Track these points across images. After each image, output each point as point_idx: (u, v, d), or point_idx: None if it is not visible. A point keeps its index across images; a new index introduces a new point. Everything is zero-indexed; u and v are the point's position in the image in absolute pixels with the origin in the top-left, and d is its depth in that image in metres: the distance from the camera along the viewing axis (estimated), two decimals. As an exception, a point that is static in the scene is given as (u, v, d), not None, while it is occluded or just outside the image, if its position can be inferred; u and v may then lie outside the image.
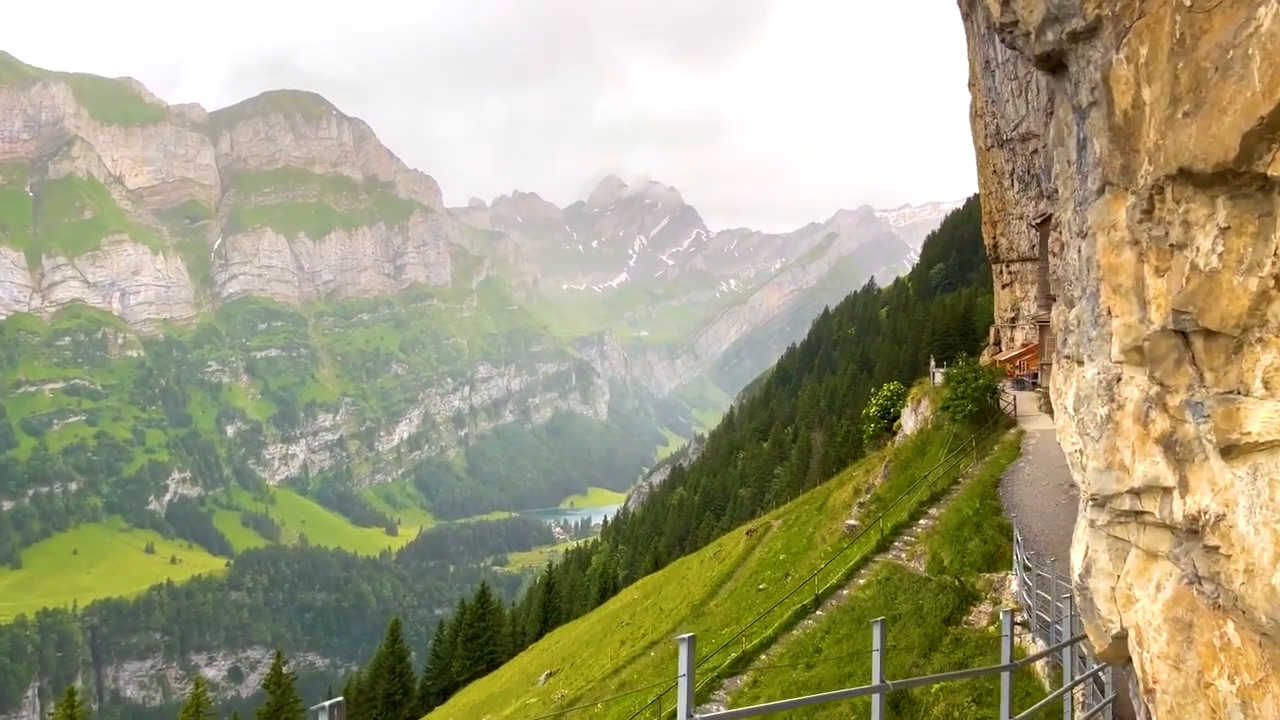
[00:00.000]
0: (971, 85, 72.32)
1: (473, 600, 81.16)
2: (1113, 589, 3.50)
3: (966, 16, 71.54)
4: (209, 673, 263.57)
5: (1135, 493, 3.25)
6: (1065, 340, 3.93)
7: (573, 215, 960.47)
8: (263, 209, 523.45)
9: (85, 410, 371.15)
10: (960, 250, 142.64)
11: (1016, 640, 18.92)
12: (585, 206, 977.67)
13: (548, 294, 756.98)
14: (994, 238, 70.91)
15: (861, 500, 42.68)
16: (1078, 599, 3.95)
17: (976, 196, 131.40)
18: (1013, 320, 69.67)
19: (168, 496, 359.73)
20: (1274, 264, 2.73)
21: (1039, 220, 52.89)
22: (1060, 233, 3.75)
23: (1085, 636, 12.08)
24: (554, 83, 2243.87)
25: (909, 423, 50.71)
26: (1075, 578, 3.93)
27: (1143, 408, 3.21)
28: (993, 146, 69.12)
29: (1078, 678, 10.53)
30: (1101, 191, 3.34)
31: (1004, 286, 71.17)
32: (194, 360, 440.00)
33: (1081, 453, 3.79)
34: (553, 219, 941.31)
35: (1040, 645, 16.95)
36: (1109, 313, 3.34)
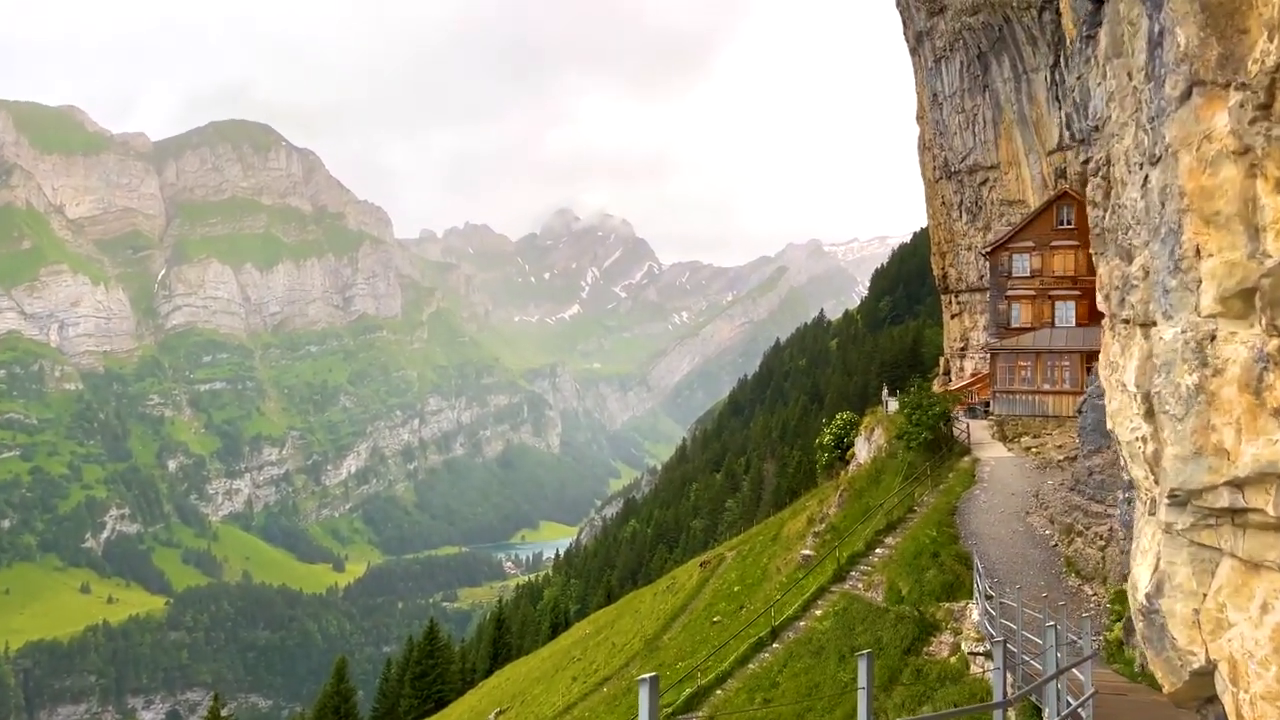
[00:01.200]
0: (920, 118, 73.31)
1: (421, 637, 79.97)
2: (1195, 612, 2.83)
3: (914, 51, 72.73)
4: (146, 716, 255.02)
5: (1237, 484, 2.58)
6: (1122, 301, 3.32)
7: (525, 247, 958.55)
8: (209, 239, 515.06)
9: (20, 445, 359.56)
10: (908, 283, 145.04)
11: (979, 672, 18.44)
12: (538, 238, 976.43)
13: (499, 326, 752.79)
14: (943, 268, 71.60)
15: (816, 530, 42.25)
16: (1139, 625, 3.33)
17: (923, 230, 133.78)
18: (962, 350, 70.19)
19: (105, 534, 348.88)
20: None
21: (988, 249, 53.36)
22: (1109, 172, 3.24)
23: (1070, 669, 11.64)
24: (505, 116, 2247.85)
25: (863, 451, 50.54)
26: (1139, 599, 3.31)
27: (1254, 371, 2.50)
28: (941, 178, 69.95)
29: (1062, 715, 10.01)
30: (1187, 96, 2.74)
31: (953, 316, 71.76)
32: (135, 393, 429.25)
33: (1148, 439, 3.17)
34: (505, 251, 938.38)
35: (1006, 678, 16.50)
36: (1196, 253, 2.70)
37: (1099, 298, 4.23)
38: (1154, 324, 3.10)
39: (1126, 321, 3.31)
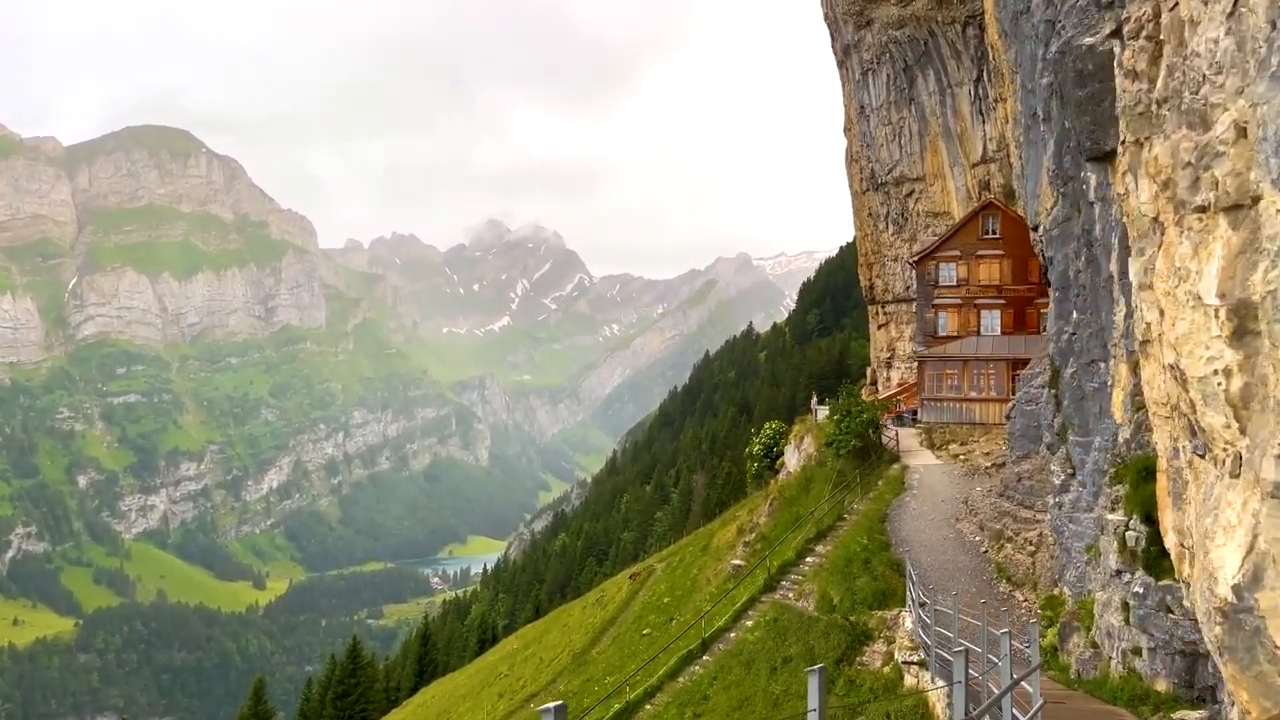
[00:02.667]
0: (847, 130, 73.94)
1: (343, 655, 78.12)
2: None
3: (842, 64, 73.36)
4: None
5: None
6: (1195, 183, 2.58)
7: (453, 258, 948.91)
8: (124, 248, 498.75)
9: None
10: (834, 297, 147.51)
11: (913, 682, 17.97)
12: (467, 249, 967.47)
13: (427, 337, 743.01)
14: (870, 279, 72.19)
15: (746, 540, 41.82)
16: (1217, 629, 2.64)
17: (849, 245, 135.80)
18: (889, 360, 70.79)
19: (10, 553, 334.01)
20: None
21: (915, 258, 53.81)
22: (1159, 26, 2.60)
23: (1022, 680, 11.25)
24: (434, 126, 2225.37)
25: (792, 460, 50.37)
26: (1220, 593, 2.64)
27: None
28: (868, 190, 70.58)
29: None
30: None
31: (880, 327, 72.38)
32: (43, 406, 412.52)
33: (1234, 371, 2.45)
34: (433, 262, 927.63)
35: (941, 686, 16.02)
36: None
37: (1146, 193, 3.58)
38: (1255, 200, 2.36)
39: (1202, 210, 2.60)
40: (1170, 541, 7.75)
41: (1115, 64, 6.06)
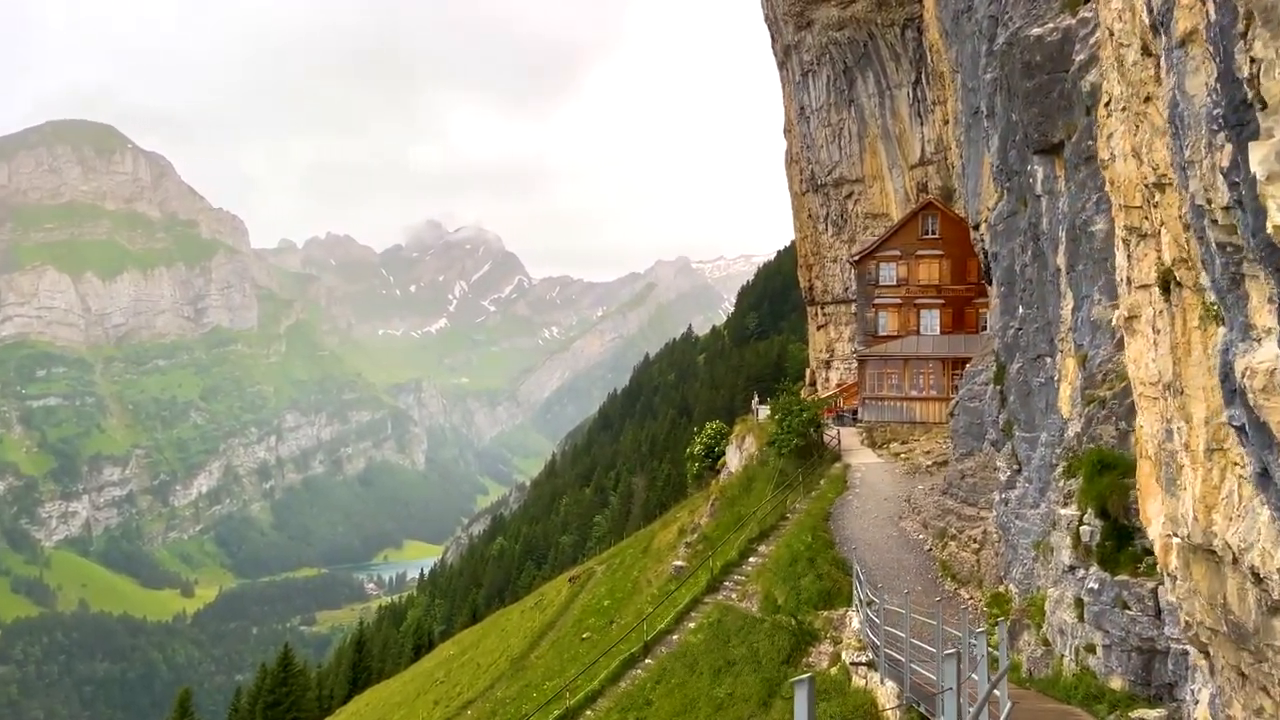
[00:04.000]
0: (787, 132, 74.10)
1: (274, 664, 76.16)
2: None
3: (782, 65, 73.52)
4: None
5: None
6: None
7: (390, 259, 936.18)
8: (44, 246, 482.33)
9: None
10: (772, 300, 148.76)
11: (861, 683, 17.55)
12: (403, 250, 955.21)
13: (362, 339, 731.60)
14: (809, 280, 72.42)
15: (688, 540, 41.33)
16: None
17: (787, 249, 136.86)
18: (828, 361, 71.03)
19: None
20: None
21: (856, 258, 53.94)
22: None
23: (996, 684, 10.88)
24: (370, 126, 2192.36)
25: (734, 460, 50.07)
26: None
27: None
28: (808, 191, 70.78)
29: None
30: None
31: (819, 328, 72.63)
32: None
33: None
34: (369, 262, 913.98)
35: (891, 686, 15.60)
36: None
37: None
38: None
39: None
40: (1155, 531, 7.36)
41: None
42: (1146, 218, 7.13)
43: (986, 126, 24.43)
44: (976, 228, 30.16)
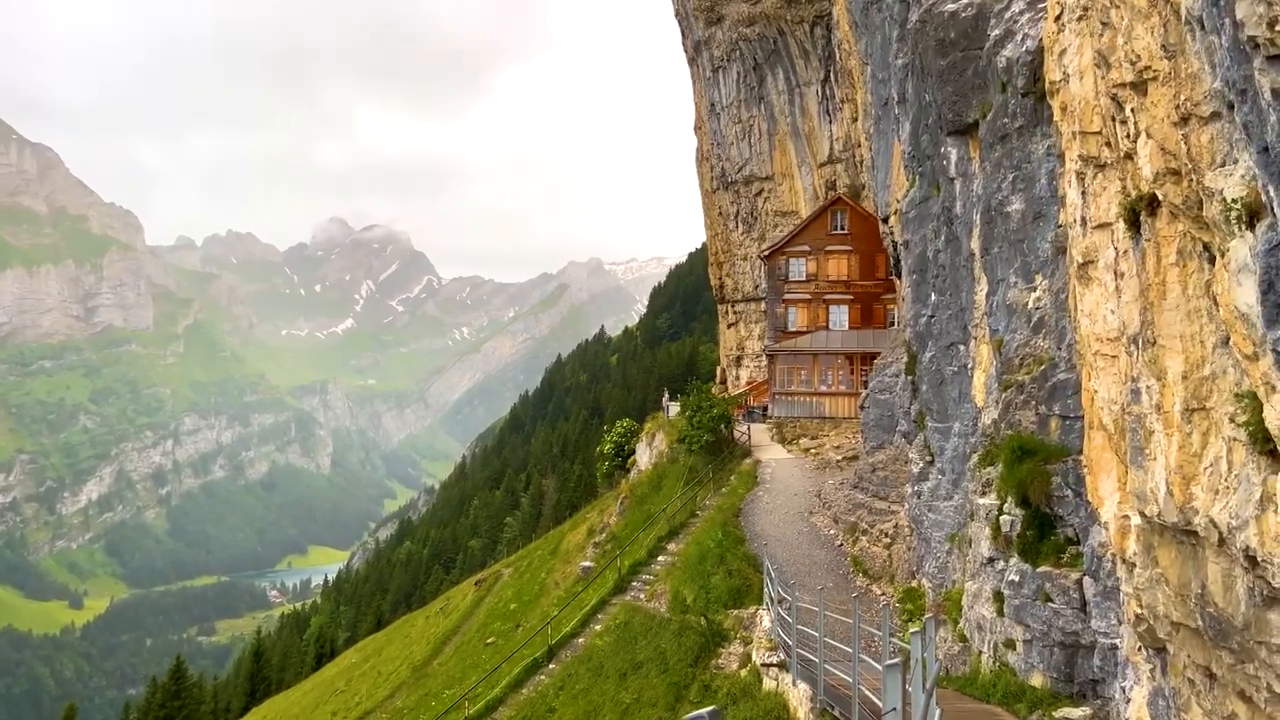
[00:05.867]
0: (697, 129, 73.81)
1: (165, 676, 73.12)
2: None
3: (693, 61, 73.17)
4: None
5: None
6: None
7: (294, 258, 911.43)
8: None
9: None
10: (684, 301, 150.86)
11: (772, 685, 16.71)
12: (308, 249, 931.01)
13: (265, 340, 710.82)
14: (720, 278, 72.28)
15: (597, 541, 40.31)
16: None
17: (698, 252, 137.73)
18: (738, 359, 70.92)
19: None
20: None
21: (766, 253, 53.70)
22: None
23: (933, 691, 10.06)
24: (273, 121, 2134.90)
25: (644, 458, 49.24)
26: None
27: None
28: (718, 189, 70.57)
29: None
30: None
31: (729, 326, 72.52)
32: None
33: None
34: (271, 261, 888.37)
35: (804, 689, 14.79)
36: None
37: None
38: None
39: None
40: (1109, 512, 6.56)
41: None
42: (1108, 143, 6.29)
43: (898, 114, 24.04)
44: (886, 220, 29.88)
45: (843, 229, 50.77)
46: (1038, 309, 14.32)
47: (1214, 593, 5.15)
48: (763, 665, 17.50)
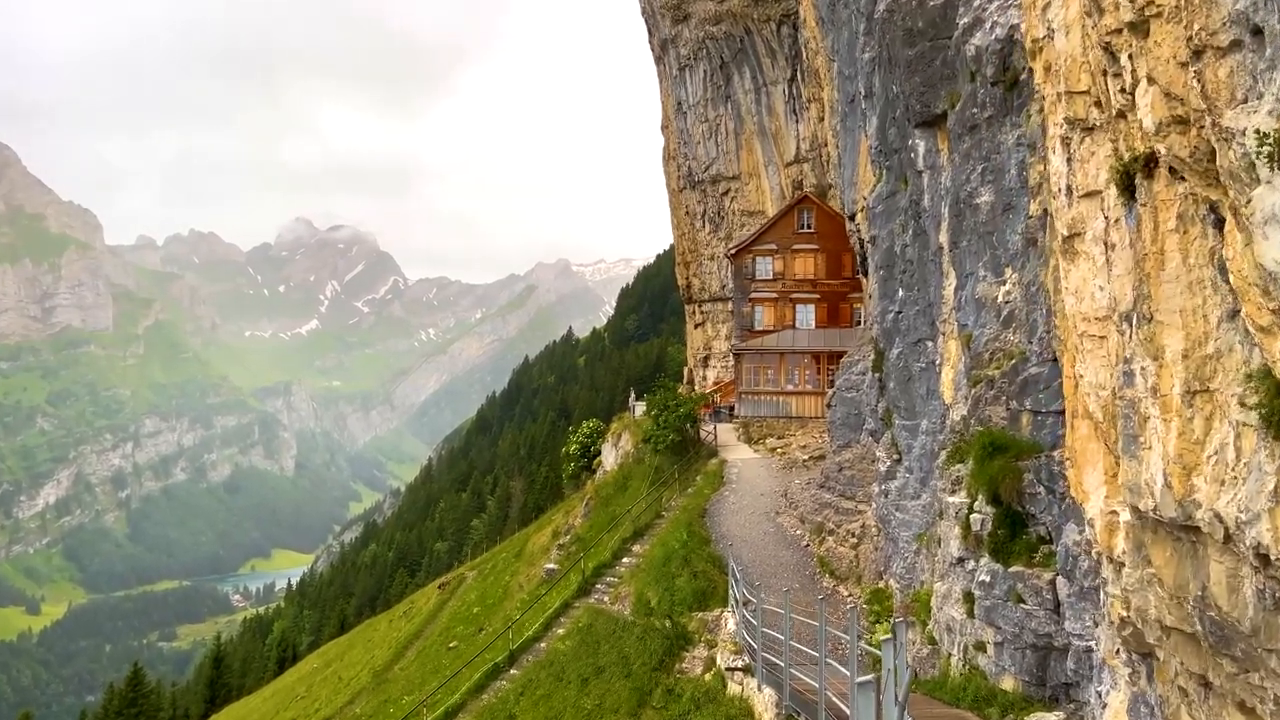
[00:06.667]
0: (664, 128, 73.43)
1: (122, 683, 72.01)
2: None
3: (659, 60, 72.77)
4: None
5: None
6: None
7: (257, 258, 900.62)
8: None
9: None
10: (652, 302, 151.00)
11: (737, 690, 16.26)
12: (272, 249, 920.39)
13: (228, 341, 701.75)
14: (687, 278, 71.97)
15: (561, 542, 39.73)
16: None
17: (667, 251, 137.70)
18: (705, 359, 70.61)
19: None
20: None
21: (732, 251, 53.39)
22: None
23: (907, 698, 9.53)
24: (235, 120, 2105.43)
25: (610, 458, 48.73)
26: None
27: None
28: (685, 188, 70.24)
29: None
30: None
31: (696, 326, 72.23)
32: None
33: None
34: (235, 261, 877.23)
35: (769, 694, 14.35)
36: None
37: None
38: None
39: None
40: (1094, 508, 6.10)
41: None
42: (1098, 102, 5.81)
43: (864, 108, 23.74)
44: (853, 218, 29.61)
45: (809, 228, 50.56)
46: (1008, 302, 13.98)
47: (1217, 595, 4.66)
48: (727, 669, 17.04)
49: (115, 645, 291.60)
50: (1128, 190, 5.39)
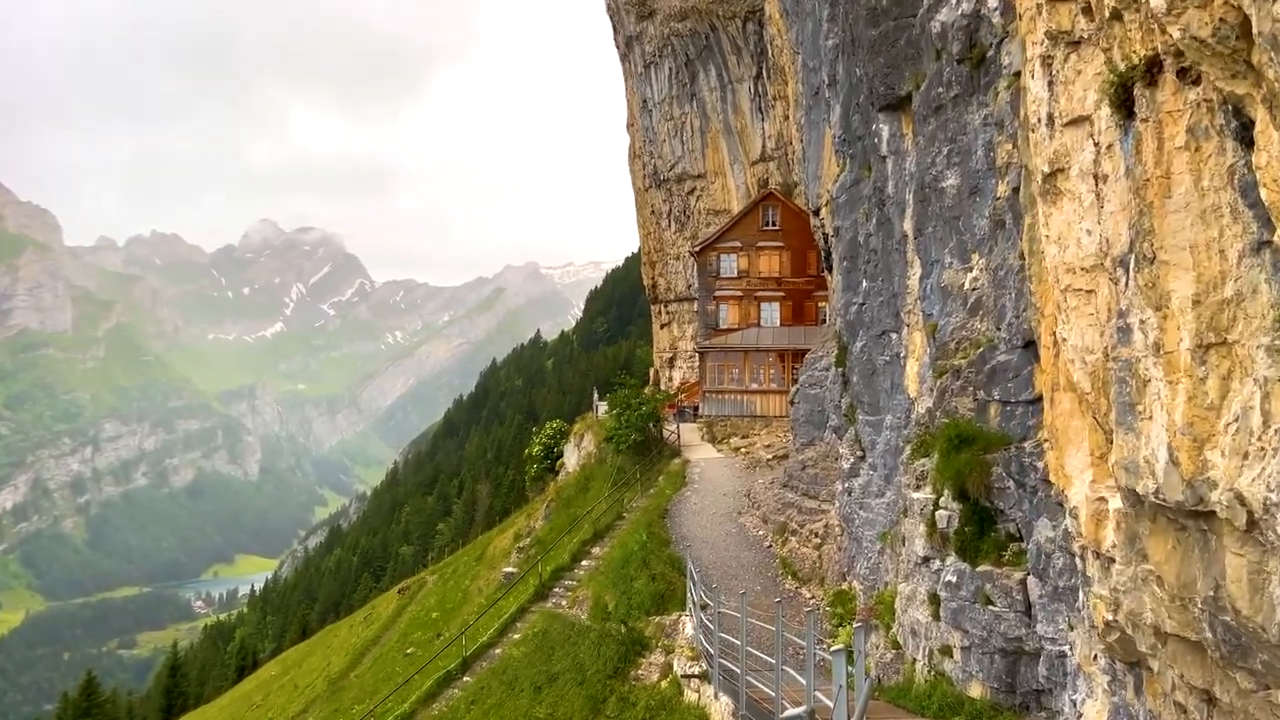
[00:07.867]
0: (630, 126, 72.80)
1: (76, 693, 70.59)
2: None
3: (624, 57, 72.10)
4: None
5: None
6: None
7: (221, 259, 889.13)
8: None
9: None
10: (620, 305, 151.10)
11: (694, 698, 15.48)
12: (236, 250, 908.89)
13: (191, 343, 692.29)
14: (653, 278, 71.39)
15: (521, 545, 38.86)
16: None
17: (635, 254, 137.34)
18: (671, 360, 70.02)
19: None
20: None
21: (697, 248, 52.77)
22: None
23: (866, 699, 8.76)
24: (198, 119, 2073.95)
25: (572, 459, 47.91)
26: None
27: None
28: (650, 187, 69.64)
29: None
30: None
31: (662, 326, 71.65)
32: None
33: None
34: (198, 263, 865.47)
35: (725, 702, 13.60)
36: None
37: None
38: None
39: None
40: (1078, 495, 5.33)
41: None
42: (1086, 8, 5.04)
43: (828, 97, 23.15)
44: (817, 212, 29.05)
45: (774, 225, 50.03)
46: (974, 289, 13.33)
47: (1234, 595, 3.85)
48: (684, 676, 16.28)
49: (74, 653, 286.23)
50: (1123, 107, 4.61)
